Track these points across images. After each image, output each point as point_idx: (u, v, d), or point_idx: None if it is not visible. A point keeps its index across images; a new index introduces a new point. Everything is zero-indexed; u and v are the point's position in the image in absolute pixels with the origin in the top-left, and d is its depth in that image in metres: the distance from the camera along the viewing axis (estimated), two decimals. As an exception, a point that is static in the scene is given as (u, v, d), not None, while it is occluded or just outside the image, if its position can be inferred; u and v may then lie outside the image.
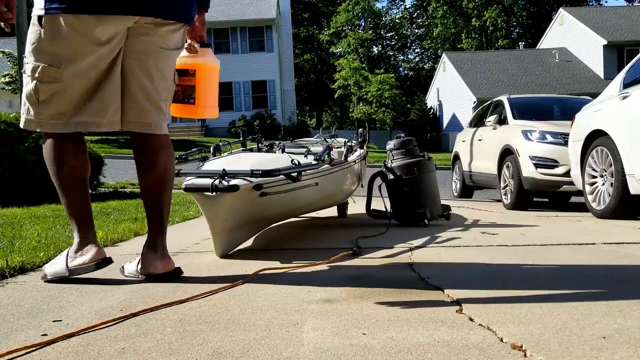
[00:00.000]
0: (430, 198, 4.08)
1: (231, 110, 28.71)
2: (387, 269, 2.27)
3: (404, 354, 1.25)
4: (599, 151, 4.60)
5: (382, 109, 32.01)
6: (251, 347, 1.32)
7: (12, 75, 18.99)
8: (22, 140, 6.19)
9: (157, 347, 1.34)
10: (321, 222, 4.51)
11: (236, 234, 2.66)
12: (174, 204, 5.85)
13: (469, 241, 3.05)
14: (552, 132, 5.88)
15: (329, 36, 44.24)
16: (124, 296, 1.88)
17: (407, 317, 1.54)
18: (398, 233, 3.47)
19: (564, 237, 3.19)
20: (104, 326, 1.52)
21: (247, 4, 30.31)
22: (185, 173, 2.60)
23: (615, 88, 4.67)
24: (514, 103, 7.05)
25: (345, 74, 32.80)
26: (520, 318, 1.50)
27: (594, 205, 4.67)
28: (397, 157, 4.16)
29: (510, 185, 6.30)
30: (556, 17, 31.98)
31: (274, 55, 29.28)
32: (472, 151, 7.88)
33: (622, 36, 27.21)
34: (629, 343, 1.28)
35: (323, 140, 4.70)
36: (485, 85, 27.82)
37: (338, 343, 1.33)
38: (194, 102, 2.24)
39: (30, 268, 2.39)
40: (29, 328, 1.53)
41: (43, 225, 3.86)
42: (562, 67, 29.02)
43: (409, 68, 51.85)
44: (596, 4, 47.28)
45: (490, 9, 43.14)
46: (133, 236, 3.49)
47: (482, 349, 1.26)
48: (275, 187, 2.65)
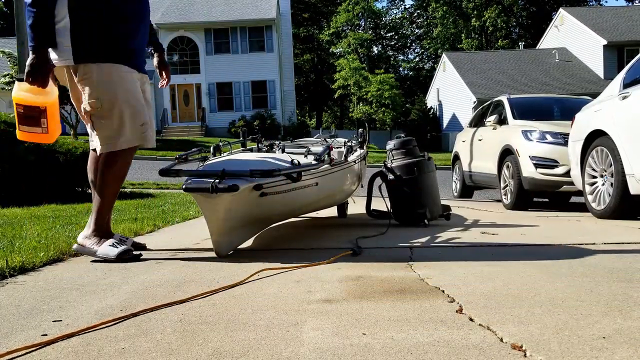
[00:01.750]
0: (430, 198, 4.08)
1: (231, 110, 28.73)
2: (387, 269, 2.27)
3: (404, 354, 1.25)
4: (599, 151, 4.60)
5: (382, 109, 32.02)
6: (251, 347, 1.32)
7: (12, 75, 18.98)
8: (21, 140, 6.19)
9: (157, 347, 1.34)
10: (321, 222, 4.51)
11: (236, 234, 2.66)
12: (174, 204, 5.85)
13: (469, 241, 3.05)
14: (552, 132, 5.89)
15: (329, 36, 44.26)
16: (124, 296, 1.88)
17: (407, 317, 1.54)
18: (398, 233, 3.47)
19: (564, 237, 3.19)
20: (104, 326, 1.52)
21: (247, 4, 30.31)
22: (186, 173, 2.61)
23: (615, 88, 4.67)
24: (514, 103, 7.05)
25: (345, 74, 32.81)
26: (520, 318, 1.50)
27: (594, 205, 4.67)
28: (397, 157, 4.16)
29: (510, 185, 6.30)
30: (556, 17, 31.99)
31: (274, 55, 29.29)
32: (472, 151, 7.89)
33: (622, 36, 27.22)
34: (628, 343, 1.28)
35: (323, 140, 4.70)
36: (485, 85, 27.82)
37: (338, 343, 1.33)
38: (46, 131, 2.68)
39: (30, 268, 2.39)
40: (29, 328, 1.53)
41: (43, 225, 3.85)
42: (562, 67, 29.02)
43: (409, 68, 51.87)
44: (596, 4, 47.31)
45: (490, 9, 43.16)
46: (133, 236, 3.49)
47: (482, 349, 1.26)
48: (275, 187, 2.65)
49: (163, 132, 27.31)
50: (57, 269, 2.42)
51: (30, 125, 2.58)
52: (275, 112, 28.85)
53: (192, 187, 2.40)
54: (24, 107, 2.57)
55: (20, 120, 2.58)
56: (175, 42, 28.78)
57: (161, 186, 9.70)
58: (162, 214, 4.74)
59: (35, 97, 2.57)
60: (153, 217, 4.46)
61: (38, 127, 2.58)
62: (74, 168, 6.60)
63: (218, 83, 28.87)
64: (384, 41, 51.32)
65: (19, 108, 2.57)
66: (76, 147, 6.89)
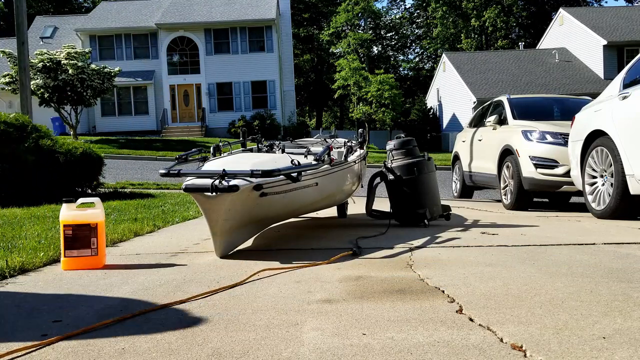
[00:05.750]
0: (430, 198, 4.08)
1: (231, 110, 28.71)
2: (387, 269, 2.27)
3: (404, 354, 1.25)
4: (598, 151, 4.59)
5: (382, 109, 31.99)
6: (251, 347, 1.32)
7: (12, 75, 18.97)
8: (21, 141, 6.19)
9: (157, 347, 1.34)
10: (321, 222, 4.51)
11: (236, 234, 2.66)
12: (174, 204, 5.85)
13: (469, 241, 3.05)
14: (552, 132, 5.88)
15: (328, 36, 44.22)
16: (123, 296, 1.88)
17: (407, 318, 1.54)
18: (398, 233, 3.47)
19: (563, 238, 3.19)
20: (104, 326, 1.52)
21: (247, 4, 30.30)
22: (186, 173, 2.61)
23: (615, 88, 4.66)
24: (514, 103, 7.04)
25: (345, 74, 32.79)
26: (520, 318, 1.50)
27: (594, 206, 4.66)
28: (397, 158, 4.16)
29: (510, 185, 6.30)
30: (556, 17, 31.98)
31: (274, 55, 29.27)
32: (472, 151, 7.88)
33: (622, 36, 27.20)
34: (629, 343, 1.28)
35: (323, 140, 4.70)
36: (485, 85, 27.81)
37: (338, 343, 1.33)
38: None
39: (30, 268, 2.39)
40: (29, 328, 1.53)
41: (43, 225, 3.85)
42: (562, 67, 29.01)
43: (408, 68, 51.84)
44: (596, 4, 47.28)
45: (490, 9, 43.13)
46: (133, 236, 3.49)
47: (482, 349, 1.26)
48: (275, 187, 2.65)
49: (163, 132, 27.30)
50: (57, 269, 2.42)
51: (79, 247, 2.39)
52: (275, 113, 28.83)
53: (192, 187, 2.40)
54: (72, 228, 2.39)
55: (68, 244, 2.39)
56: (175, 42, 28.77)
57: (161, 186, 9.69)
58: (162, 214, 4.74)
59: (84, 215, 2.42)
60: (153, 217, 4.46)
61: (87, 248, 2.39)
62: (74, 168, 6.60)
63: (218, 83, 28.85)
64: (384, 41, 51.30)
65: (67, 230, 2.38)
66: (76, 148, 6.89)
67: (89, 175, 7.07)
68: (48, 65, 19.39)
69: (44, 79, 19.42)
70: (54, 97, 19.79)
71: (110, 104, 28.06)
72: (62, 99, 20.00)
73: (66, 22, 32.00)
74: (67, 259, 2.40)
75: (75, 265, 2.40)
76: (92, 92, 20.46)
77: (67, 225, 2.38)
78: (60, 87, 19.59)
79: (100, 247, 2.44)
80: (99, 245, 2.43)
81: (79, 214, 2.42)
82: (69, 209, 2.41)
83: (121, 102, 28.38)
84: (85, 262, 2.41)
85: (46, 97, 19.77)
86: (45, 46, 27.61)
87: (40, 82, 19.30)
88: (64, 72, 19.45)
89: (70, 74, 19.41)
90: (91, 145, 7.74)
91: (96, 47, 28.29)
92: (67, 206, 2.41)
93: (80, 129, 24.99)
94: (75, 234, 2.38)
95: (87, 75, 19.81)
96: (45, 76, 19.44)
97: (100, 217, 2.45)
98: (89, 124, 27.96)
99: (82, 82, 19.75)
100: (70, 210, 2.41)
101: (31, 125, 6.62)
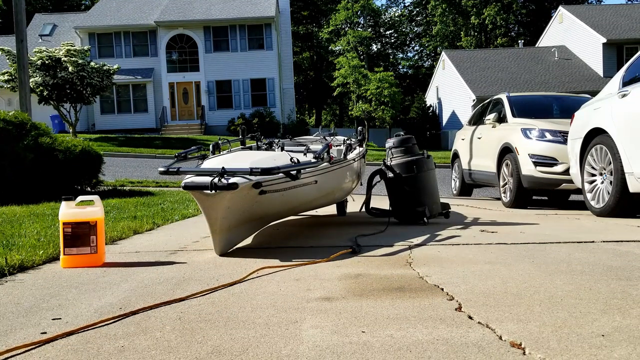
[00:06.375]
0: (429, 196, 4.08)
1: (230, 108, 28.69)
2: (387, 267, 2.27)
3: (403, 351, 1.25)
4: (598, 149, 4.60)
5: (381, 107, 31.97)
6: (250, 344, 1.32)
7: (11, 73, 18.93)
8: (20, 138, 6.19)
9: (157, 345, 1.34)
10: (320, 220, 4.51)
11: (235, 232, 2.66)
12: (173, 202, 5.85)
13: (468, 239, 3.06)
14: (551, 130, 5.88)
15: (328, 34, 44.17)
16: (123, 294, 1.88)
17: (407, 315, 1.54)
18: (397, 231, 3.47)
19: (563, 235, 3.20)
20: (103, 324, 1.52)
21: (246, 2, 30.25)
22: (185, 171, 2.61)
23: (615, 86, 4.66)
24: (513, 101, 7.04)
25: (345, 72, 32.76)
26: (519, 316, 1.50)
27: (593, 204, 4.67)
28: (397, 155, 4.16)
29: (509, 183, 6.30)
30: (555, 15, 31.95)
31: (273, 53, 29.24)
32: (472, 149, 7.88)
33: (621, 34, 27.18)
34: (627, 341, 1.28)
35: (322, 138, 4.70)
36: (485, 83, 27.80)
37: (337, 341, 1.34)
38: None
39: (30, 266, 2.39)
40: (29, 326, 1.53)
41: (42, 223, 3.85)
42: (562, 65, 29.00)
43: (408, 66, 51.79)
44: (596, 2, 47.25)
45: (489, 7, 43.08)
46: (132, 234, 3.49)
47: (481, 347, 1.27)
48: (275, 185, 2.65)
49: (162, 130, 27.28)
50: (57, 267, 2.42)
51: (78, 245, 2.39)
52: (275, 110, 28.81)
53: (191, 185, 2.40)
54: (72, 226, 2.38)
55: (67, 242, 2.39)
56: (175, 40, 28.72)
57: (160, 184, 9.69)
58: (161, 212, 4.74)
59: (83, 213, 2.42)
60: (152, 215, 4.46)
61: (87, 246, 2.40)
62: (73, 166, 6.60)
63: (217, 81, 28.82)
64: (383, 39, 51.24)
65: (67, 228, 2.38)
66: (75, 145, 6.89)
67: (88, 173, 7.07)
68: (47, 62, 19.36)
69: (43, 76, 19.38)
70: (53, 94, 19.76)
71: (109, 102, 28.03)
72: (61, 96, 19.97)
73: (65, 20, 31.95)
74: (67, 256, 2.40)
75: (74, 263, 2.40)
76: (92, 90, 20.43)
77: (67, 223, 2.38)
78: (59, 85, 19.55)
79: (99, 245, 2.44)
80: (98, 243, 2.43)
81: (78, 211, 2.41)
82: (68, 207, 2.40)
83: (120, 99, 28.35)
84: (85, 260, 2.41)
85: (45, 95, 19.74)
86: (44, 44, 27.54)
87: (39, 79, 19.27)
88: (63, 70, 19.42)
89: (70, 71, 19.37)
90: (90, 143, 7.74)
91: (95, 45, 28.25)
92: (66, 204, 2.41)
93: (80, 127, 24.96)
94: (75, 231, 2.38)
95: (86, 73, 19.78)
96: (44, 74, 19.41)
97: (99, 215, 2.45)
98: (88, 121, 27.94)
99: (81, 79, 19.71)
100: (70, 208, 2.41)
101: (30, 123, 6.62)
